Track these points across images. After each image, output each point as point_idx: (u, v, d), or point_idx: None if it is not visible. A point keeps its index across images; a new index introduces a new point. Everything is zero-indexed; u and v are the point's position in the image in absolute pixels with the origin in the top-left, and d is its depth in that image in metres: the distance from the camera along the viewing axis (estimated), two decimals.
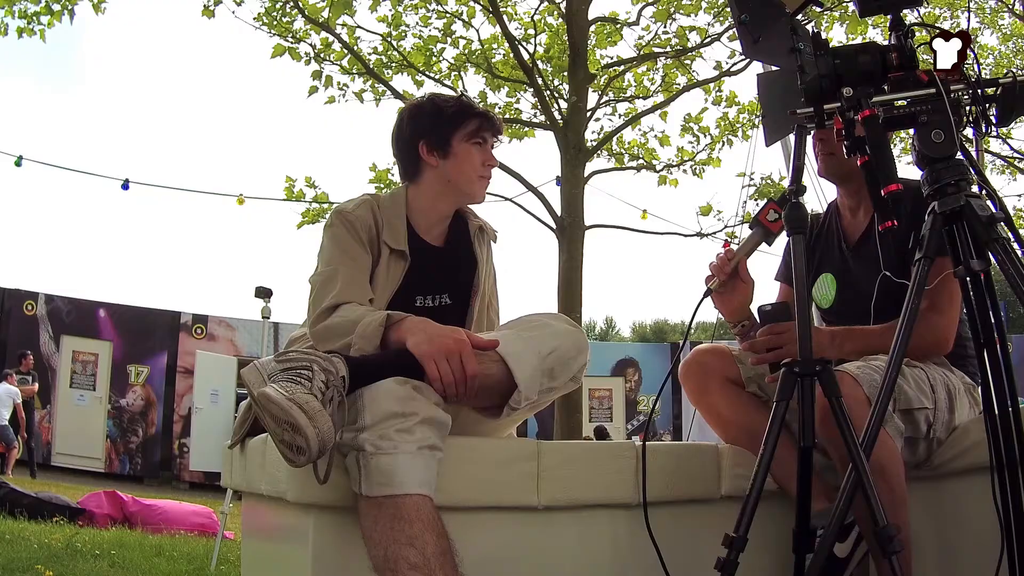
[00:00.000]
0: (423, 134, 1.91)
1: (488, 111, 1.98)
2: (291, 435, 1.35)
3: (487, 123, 1.93)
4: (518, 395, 1.60)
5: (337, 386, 1.44)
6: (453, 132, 1.90)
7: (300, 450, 1.36)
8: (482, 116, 1.93)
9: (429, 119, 1.92)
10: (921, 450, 1.84)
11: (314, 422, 1.34)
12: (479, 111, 1.94)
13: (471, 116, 1.92)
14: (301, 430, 1.33)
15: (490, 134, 1.94)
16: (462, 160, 1.90)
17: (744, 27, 1.82)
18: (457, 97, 2.01)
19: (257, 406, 1.42)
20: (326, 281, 1.76)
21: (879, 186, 1.50)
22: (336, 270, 1.77)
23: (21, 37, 7.28)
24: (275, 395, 1.36)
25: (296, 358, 1.46)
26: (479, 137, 1.92)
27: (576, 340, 1.71)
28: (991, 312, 1.51)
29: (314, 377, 1.42)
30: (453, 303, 1.91)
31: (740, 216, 8.14)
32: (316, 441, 1.34)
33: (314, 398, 1.37)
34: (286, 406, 1.34)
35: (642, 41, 8.32)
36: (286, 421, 1.35)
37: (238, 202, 9.23)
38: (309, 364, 1.44)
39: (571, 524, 1.76)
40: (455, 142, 1.89)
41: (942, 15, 8.77)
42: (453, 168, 1.90)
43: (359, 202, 1.89)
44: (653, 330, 37.96)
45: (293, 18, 7.69)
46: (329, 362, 1.46)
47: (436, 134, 1.90)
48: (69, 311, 12.70)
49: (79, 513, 5.47)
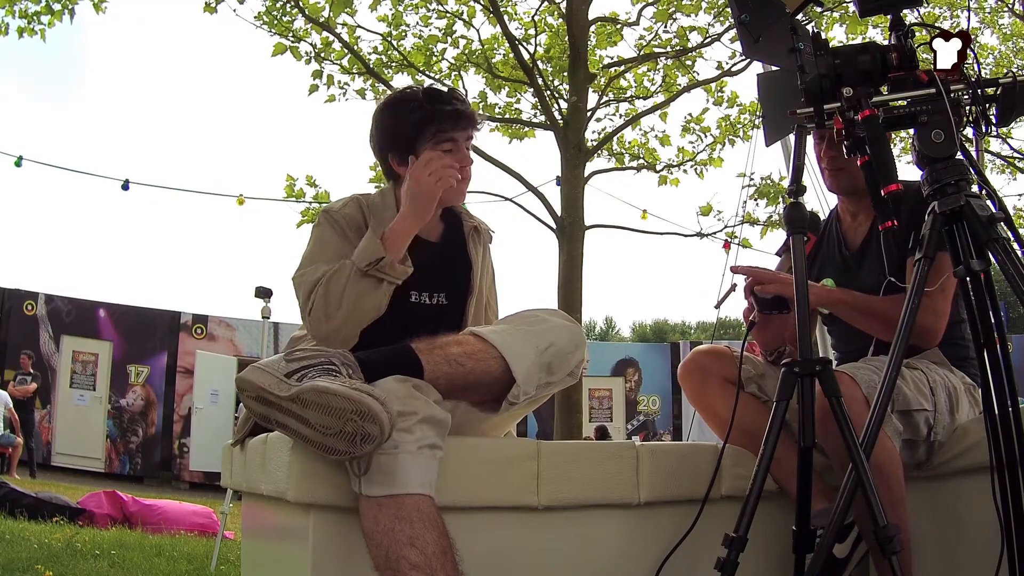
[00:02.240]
0: (388, 147, 1.86)
1: (456, 106, 1.83)
2: (357, 424, 1.35)
3: (451, 122, 1.81)
4: (516, 390, 1.60)
5: (360, 379, 1.46)
6: (416, 142, 1.81)
7: (367, 438, 1.36)
8: (444, 117, 1.80)
9: (392, 130, 1.85)
10: (921, 452, 1.84)
11: (386, 407, 1.36)
12: (442, 112, 1.80)
13: (431, 121, 1.79)
14: (375, 416, 1.34)
15: (459, 132, 1.82)
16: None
17: (744, 27, 1.82)
18: (419, 99, 1.83)
19: (298, 403, 1.40)
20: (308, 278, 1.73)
21: (879, 186, 1.50)
22: (317, 268, 1.75)
23: (22, 37, 7.28)
24: (338, 388, 1.36)
25: (312, 355, 1.47)
26: (446, 141, 1.81)
27: (573, 335, 1.71)
28: (991, 312, 1.51)
29: (341, 371, 1.43)
30: (450, 303, 1.90)
31: (740, 216, 8.13)
32: (389, 424, 1.35)
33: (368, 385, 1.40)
34: (355, 396, 1.35)
35: (642, 41, 8.33)
36: (353, 411, 1.35)
37: (238, 202, 9.22)
38: (328, 359, 1.46)
39: (571, 524, 1.76)
40: (421, 152, 1.79)
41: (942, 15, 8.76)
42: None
43: (346, 200, 1.88)
44: (653, 330, 37.97)
45: (293, 17, 7.69)
46: (344, 356, 1.48)
47: (401, 146, 1.82)
48: (69, 311, 12.69)
49: (79, 513, 5.47)
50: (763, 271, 1.85)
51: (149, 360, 13.02)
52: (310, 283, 1.70)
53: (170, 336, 13.21)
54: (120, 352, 12.84)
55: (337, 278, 1.66)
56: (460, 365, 1.57)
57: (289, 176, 8.17)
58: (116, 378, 12.74)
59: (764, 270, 1.86)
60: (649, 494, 1.81)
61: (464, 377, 1.58)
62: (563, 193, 7.50)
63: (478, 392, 1.63)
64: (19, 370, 11.20)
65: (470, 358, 1.58)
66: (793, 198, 1.65)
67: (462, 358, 1.58)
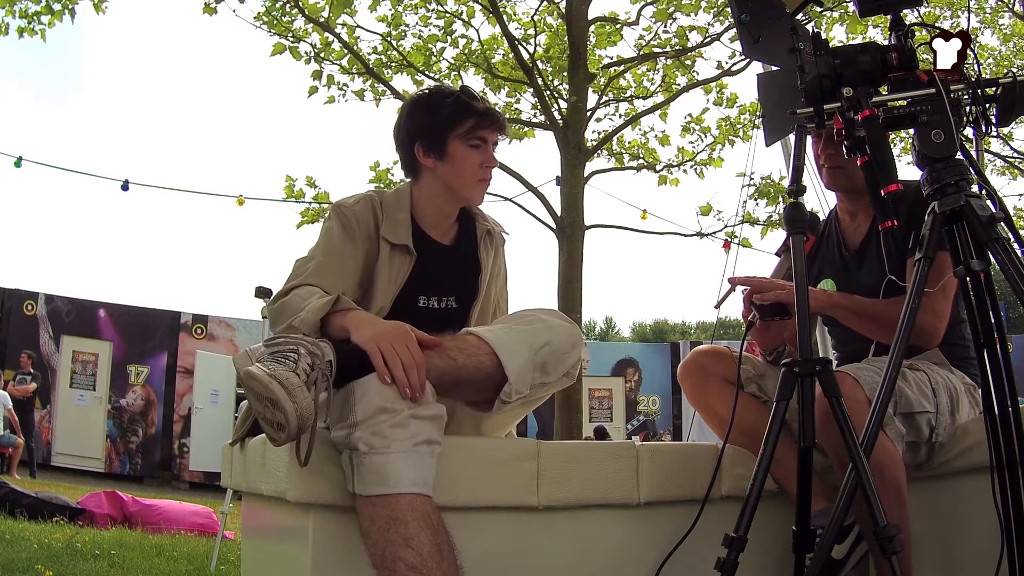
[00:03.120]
0: (418, 135, 1.87)
1: (489, 108, 1.89)
2: (271, 411, 1.36)
3: (485, 121, 1.85)
4: (509, 387, 1.58)
5: (323, 369, 1.43)
6: (449, 133, 1.84)
7: (280, 426, 1.36)
8: (480, 114, 1.85)
9: (425, 120, 1.87)
10: (922, 452, 1.84)
11: (292, 397, 1.34)
12: (477, 109, 1.85)
13: (467, 115, 1.84)
14: (280, 405, 1.34)
15: (490, 132, 1.86)
16: (458, 163, 1.85)
17: (744, 27, 1.82)
18: (456, 93, 1.88)
19: (243, 386, 1.43)
20: (299, 266, 1.79)
21: (879, 186, 1.50)
22: (312, 259, 1.79)
23: (22, 37, 7.28)
24: (257, 372, 1.37)
25: (284, 342, 1.47)
26: (476, 138, 1.85)
27: (570, 335, 1.69)
28: (991, 312, 1.51)
29: (299, 359, 1.41)
30: (459, 307, 1.90)
31: (740, 216, 8.14)
32: (295, 417, 1.34)
33: (295, 376, 1.37)
34: (265, 381, 1.35)
35: (642, 41, 8.33)
36: (267, 397, 1.36)
37: (238, 202, 9.22)
38: (295, 347, 1.44)
39: (571, 524, 1.76)
40: (451, 144, 1.84)
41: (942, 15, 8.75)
42: (449, 171, 1.86)
43: (359, 198, 1.88)
44: (653, 330, 37.98)
45: (293, 17, 7.69)
46: (316, 346, 1.45)
47: (432, 136, 1.85)
48: (69, 311, 12.69)
49: (79, 513, 5.47)
50: (761, 280, 1.85)
51: (149, 360, 13.02)
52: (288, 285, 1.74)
53: (170, 336, 13.21)
54: (120, 352, 12.84)
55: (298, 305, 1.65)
56: (451, 359, 1.55)
57: (289, 177, 8.19)
58: (116, 378, 12.74)
59: (762, 279, 1.86)
60: (649, 494, 1.81)
61: (456, 372, 1.55)
62: (563, 193, 7.50)
63: (471, 389, 1.61)
64: (19, 370, 11.19)
65: (461, 352, 1.56)
66: (793, 198, 1.65)
67: (453, 352, 1.56)
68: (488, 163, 1.87)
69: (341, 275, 1.78)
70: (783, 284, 1.81)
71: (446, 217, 1.93)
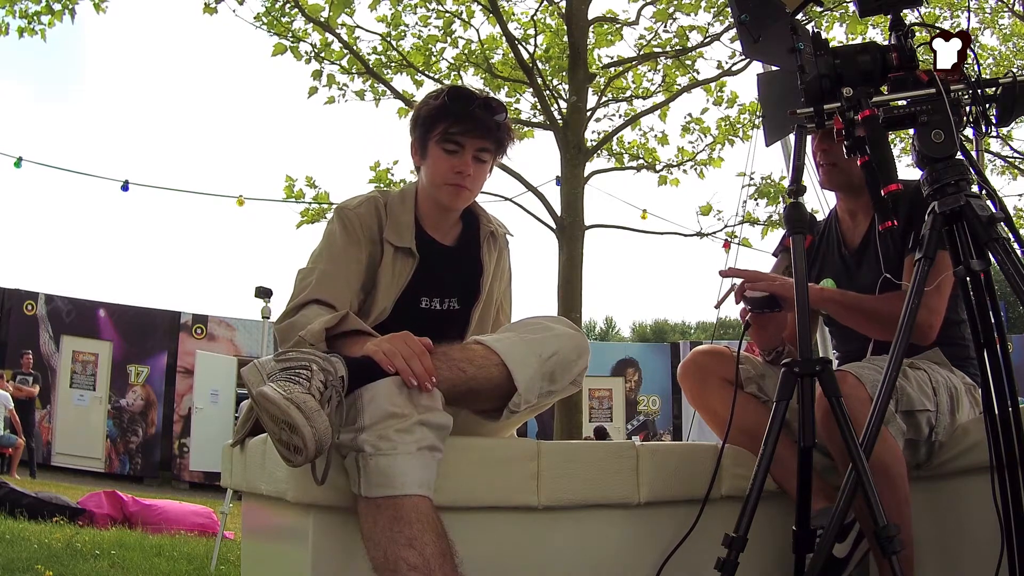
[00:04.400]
0: (411, 134, 1.91)
1: (473, 114, 1.81)
2: (288, 435, 1.35)
3: (460, 126, 1.81)
4: (518, 398, 1.59)
5: (336, 386, 1.43)
6: (429, 135, 1.85)
7: (297, 450, 1.35)
8: (456, 119, 1.81)
9: (415, 119, 1.90)
10: (922, 452, 1.84)
11: (311, 422, 1.33)
12: (454, 113, 1.81)
13: (442, 119, 1.82)
14: (298, 429, 1.33)
15: (468, 139, 1.82)
16: (432, 165, 1.86)
17: (744, 27, 1.82)
18: (442, 95, 1.85)
19: (256, 406, 1.42)
20: (302, 280, 1.78)
21: (879, 186, 1.50)
22: (315, 268, 1.78)
23: (22, 37, 7.28)
24: (272, 394, 1.36)
25: (295, 357, 1.46)
26: (450, 142, 1.82)
27: (577, 344, 1.70)
28: (991, 312, 1.51)
29: (312, 377, 1.41)
30: (461, 308, 1.90)
31: (740, 216, 8.14)
32: (313, 441, 1.34)
33: (311, 398, 1.36)
34: (283, 405, 1.34)
35: (642, 41, 8.33)
36: (284, 421, 1.34)
37: (238, 203, 9.22)
38: (308, 364, 1.43)
39: (571, 524, 1.76)
40: (430, 145, 1.86)
41: (942, 15, 8.75)
42: (426, 172, 1.88)
43: (363, 199, 1.88)
44: (653, 330, 37.99)
45: (293, 18, 7.68)
46: (328, 361, 1.45)
47: (418, 136, 1.88)
48: (69, 311, 12.69)
49: (79, 513, 5.47)
50: (752, 272, 1.85)
51: (149, 360, 13.03)
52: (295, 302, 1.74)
53: (170, 336, 13.22)
54: (120, 352, 12.85)
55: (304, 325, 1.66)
56: (462, 371, 1.56)
57: (288, 177, 8.18)
58: (116, 378, 12.75)
59: (753, 271, 1.86)
60: (649, 494, 1.81)
61: (466, 383, 1.56)
62: (563, 193, 7.50)
63: (480, 399, 1.62)
64: (19, 370, 11.19)
65: (472, 364, 1.57)
66: (793, 198, 1.65)
67: (464, 364, 1.56)
68: (460, 167, 1.82)
69: (345, 283, 1.78)
70: (774, 276, 1.81)
71: (445, 217, 1.93)
